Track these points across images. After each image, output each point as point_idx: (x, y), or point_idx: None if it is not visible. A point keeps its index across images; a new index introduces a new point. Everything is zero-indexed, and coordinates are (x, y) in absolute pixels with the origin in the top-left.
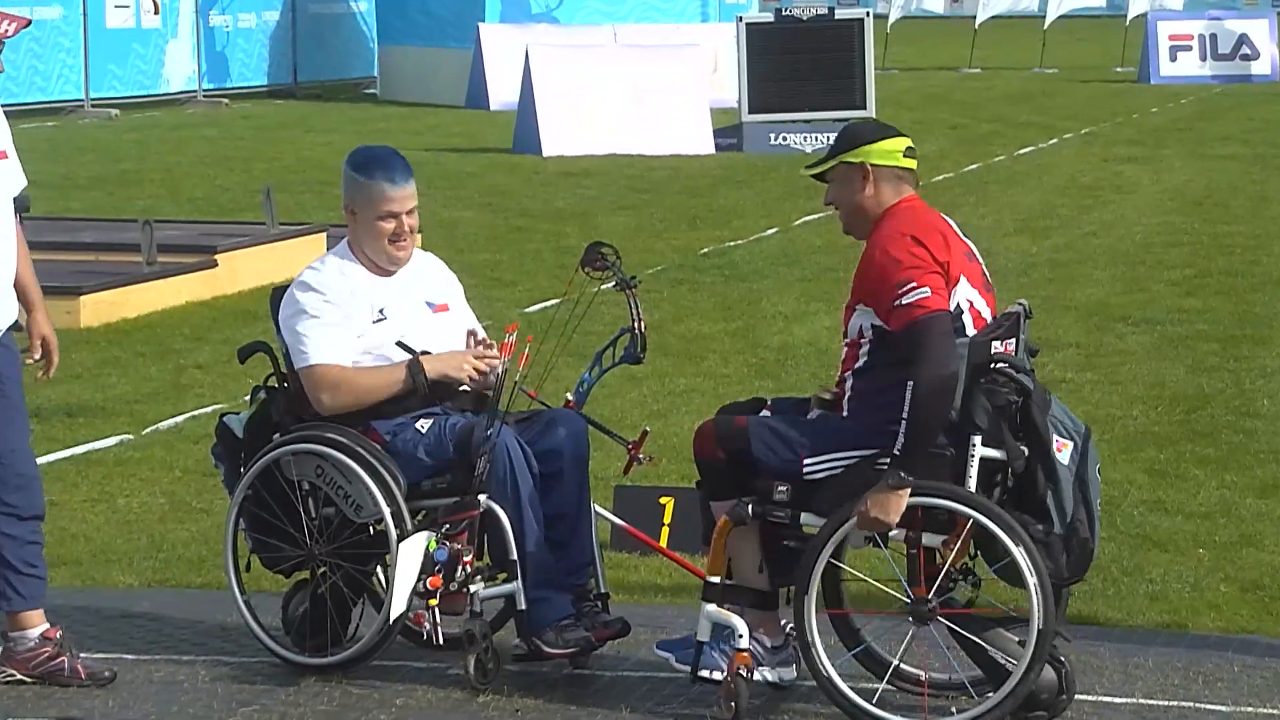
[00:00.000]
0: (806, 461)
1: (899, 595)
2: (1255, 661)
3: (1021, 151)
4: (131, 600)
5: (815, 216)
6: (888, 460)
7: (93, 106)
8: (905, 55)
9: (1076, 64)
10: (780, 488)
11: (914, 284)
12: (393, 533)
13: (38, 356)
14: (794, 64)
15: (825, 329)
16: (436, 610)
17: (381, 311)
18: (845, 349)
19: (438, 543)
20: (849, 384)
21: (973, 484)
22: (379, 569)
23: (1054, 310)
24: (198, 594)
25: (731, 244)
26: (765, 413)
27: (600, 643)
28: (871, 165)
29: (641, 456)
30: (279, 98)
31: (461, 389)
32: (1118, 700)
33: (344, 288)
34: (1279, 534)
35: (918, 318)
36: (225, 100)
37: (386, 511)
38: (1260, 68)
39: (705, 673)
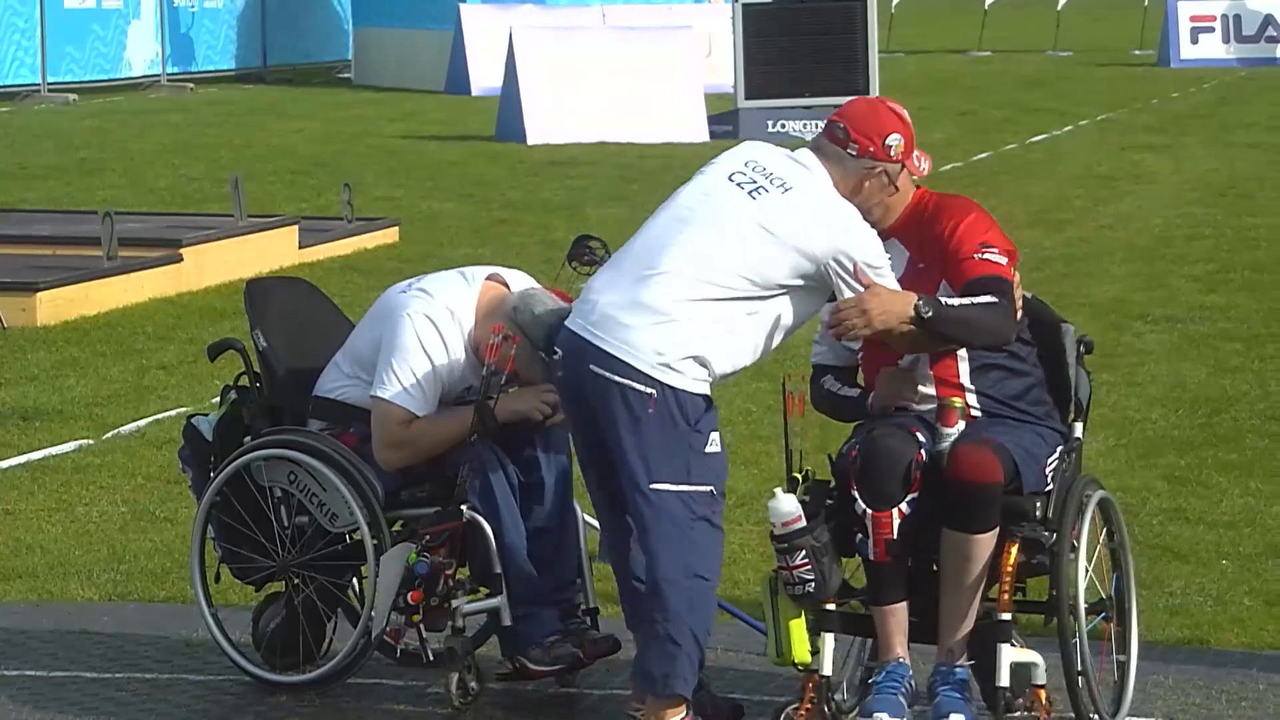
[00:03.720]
0: (1047, 472)
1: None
2: None
3: (1034, 139)
4: (91, 615)
5: None
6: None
7: (49, 91)
8: (910, 37)
9: (1092, 46)
10: (1037, 503)
11: None
12: (370, 543)
13: None
14: (793, 47)
15: None
16: (421, 628)
17: (469, 390)
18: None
19: (419, 555)
20: (970, 388)
21: None
22: (355, 581)
23: (1069, 307)
24: (162, 608)
25: None
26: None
27: (589, 660)
28: None
29: None
30: (247, 82)
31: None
32: None
33: (450, 355)
34: None
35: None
36: (190, 85)
37: (363, 521)
38: None
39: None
